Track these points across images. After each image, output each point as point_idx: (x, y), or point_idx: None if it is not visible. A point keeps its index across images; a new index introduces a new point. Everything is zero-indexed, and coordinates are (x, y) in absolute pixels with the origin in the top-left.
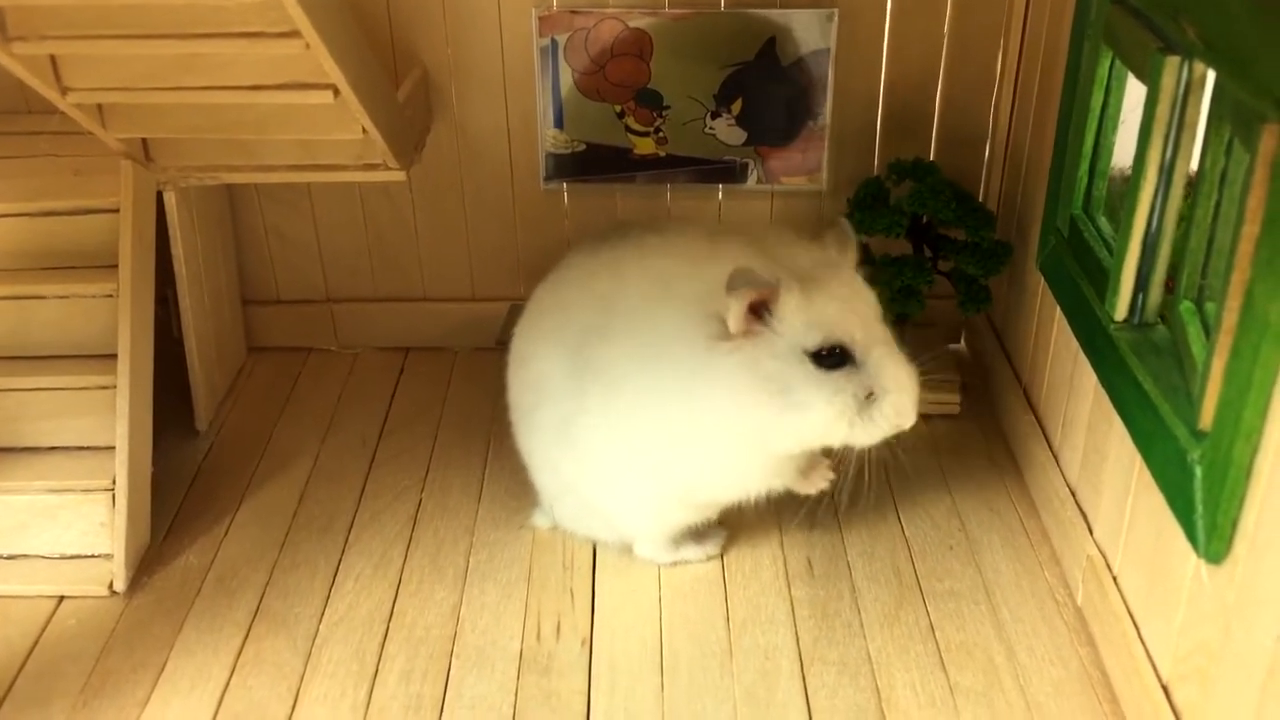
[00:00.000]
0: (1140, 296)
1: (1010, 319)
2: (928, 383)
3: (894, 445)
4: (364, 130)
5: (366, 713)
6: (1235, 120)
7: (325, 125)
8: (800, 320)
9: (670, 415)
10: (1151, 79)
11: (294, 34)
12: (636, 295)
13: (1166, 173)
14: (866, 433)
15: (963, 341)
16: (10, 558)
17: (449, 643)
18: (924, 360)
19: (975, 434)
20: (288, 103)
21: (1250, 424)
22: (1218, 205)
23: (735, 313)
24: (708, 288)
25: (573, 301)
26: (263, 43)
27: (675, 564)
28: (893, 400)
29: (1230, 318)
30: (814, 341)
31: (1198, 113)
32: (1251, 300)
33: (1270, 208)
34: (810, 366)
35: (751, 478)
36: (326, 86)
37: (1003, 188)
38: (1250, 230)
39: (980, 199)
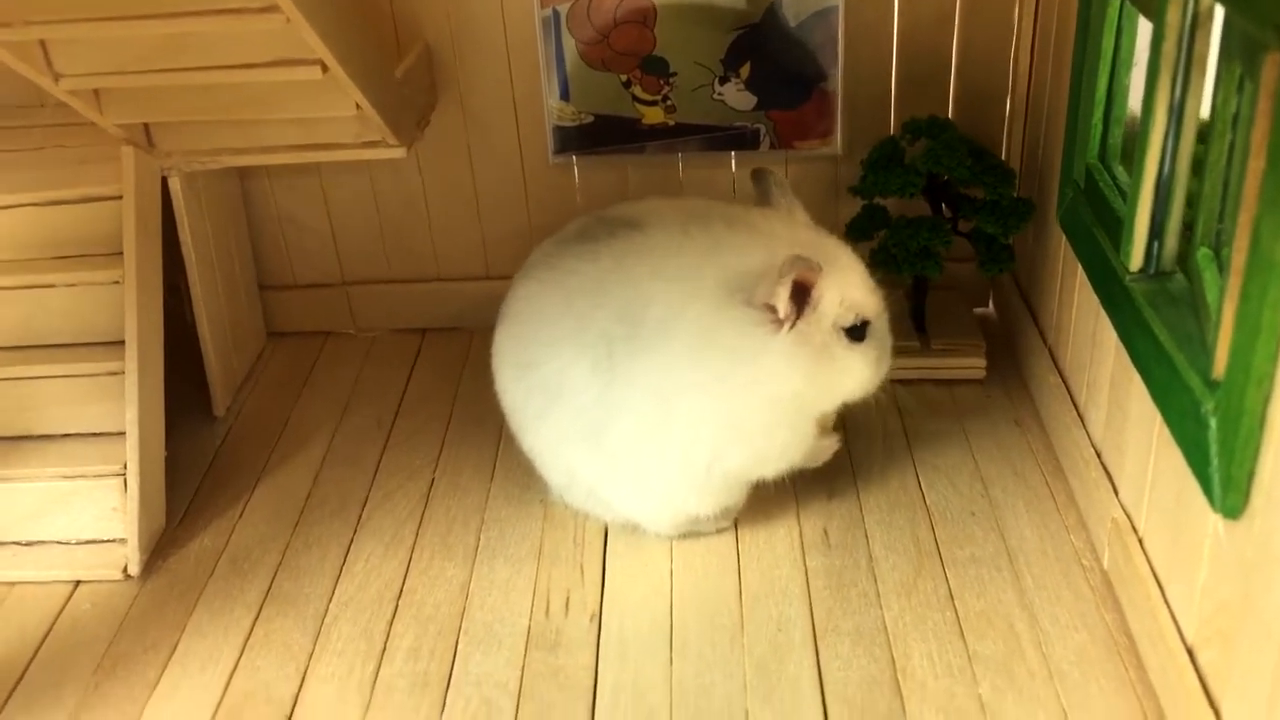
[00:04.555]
0: (1155, 245)
1: (1034, 279)
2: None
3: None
4: (358, 106)
5: (373, 690)
6: (1243, 54)
7: (319, 102)
8: (836, 299)
9: (734, 405)
10: (1157, 15)
11: (273, 8)
12: (662, 302)
13: (1177, 113)
14: (878, 383)
15: (991, 305)
16: (28, 544)
17: (457, 620)
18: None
19: (1001, 398)
20: (278, 80)
21: (1261, 369)
22: (1232, 146)
23: (782, 295)
24: (733, 278)
25: (583, 309)
26: (245, 19)
27: (686, 536)
28: (890, 352)
29: (1239, 259)
30: (848, 320)
31: (1206, 48)
32: (1258, 239)
33: (1275, 140)
34: (845, 340)
35: (797, 445)
36: (314, 62)
37: (1025, 144)
38: (1256, 165)
39: (1003, 157)
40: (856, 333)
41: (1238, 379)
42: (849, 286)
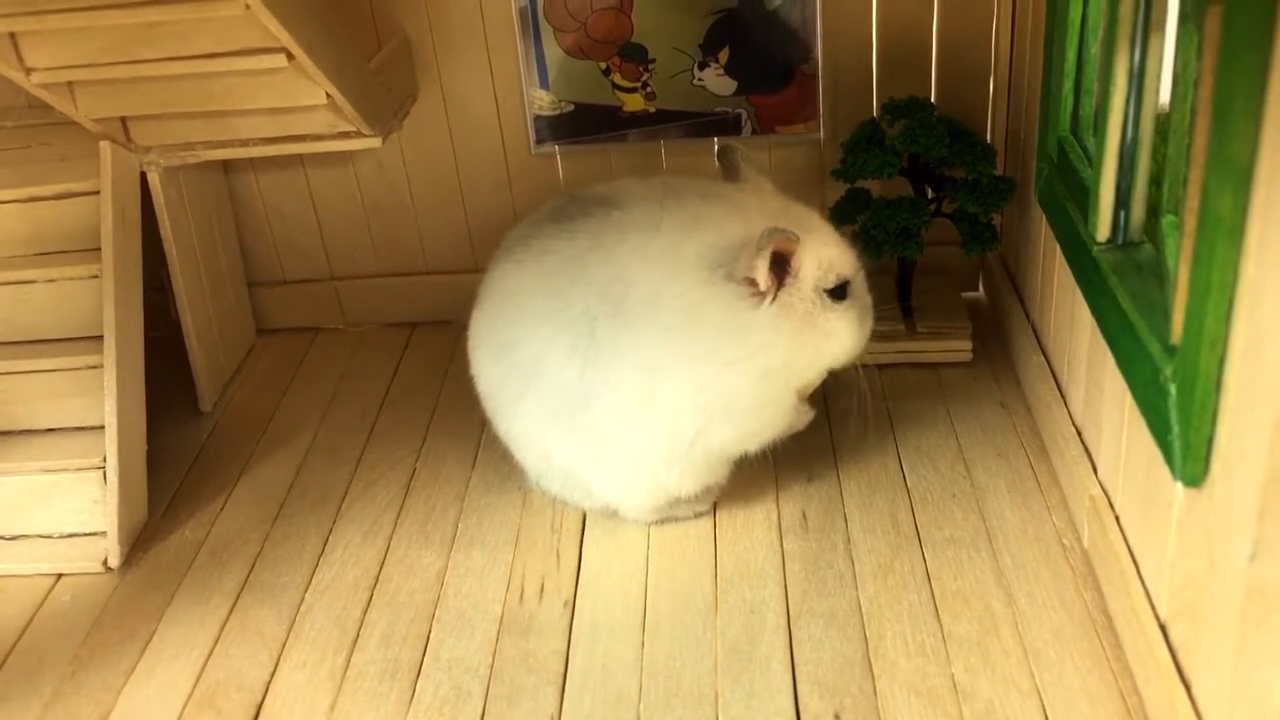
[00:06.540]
0: (1122, 214)
1: (1019, 259)
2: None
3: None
4: (329, 96)
5: (344, 677)
6: (1195, 13)
7: (288, 92)
8: (814, 263)
9: (722, 380)
10: None
11: None
12: (645, 279)
13: (1137, 77)
14: (864, 342)
15: (981, 288)
16: (11, 538)
17: (431, 607)
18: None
19: (988, 381)
20: (245, 69)
21: (1214, 331)
22: (1192, 109)
23: (762, 267)
24: (713, 253)
25: (562, 287)
26: (206, 6)
27: (663, 522)
28: (871, 309)
29: (1190, 220)
30: (830, 281)
31: (1164, 10)
32: (1207, 196)
33: (1219, 95)
34: (829, 301)
35: (782, 417)
36: (278, 50)
37: (1008, 123)
38: (1203, 122)
39: (988, 137)
40: (838, 293)
41: (1193, 342)
42: (824, 247)
